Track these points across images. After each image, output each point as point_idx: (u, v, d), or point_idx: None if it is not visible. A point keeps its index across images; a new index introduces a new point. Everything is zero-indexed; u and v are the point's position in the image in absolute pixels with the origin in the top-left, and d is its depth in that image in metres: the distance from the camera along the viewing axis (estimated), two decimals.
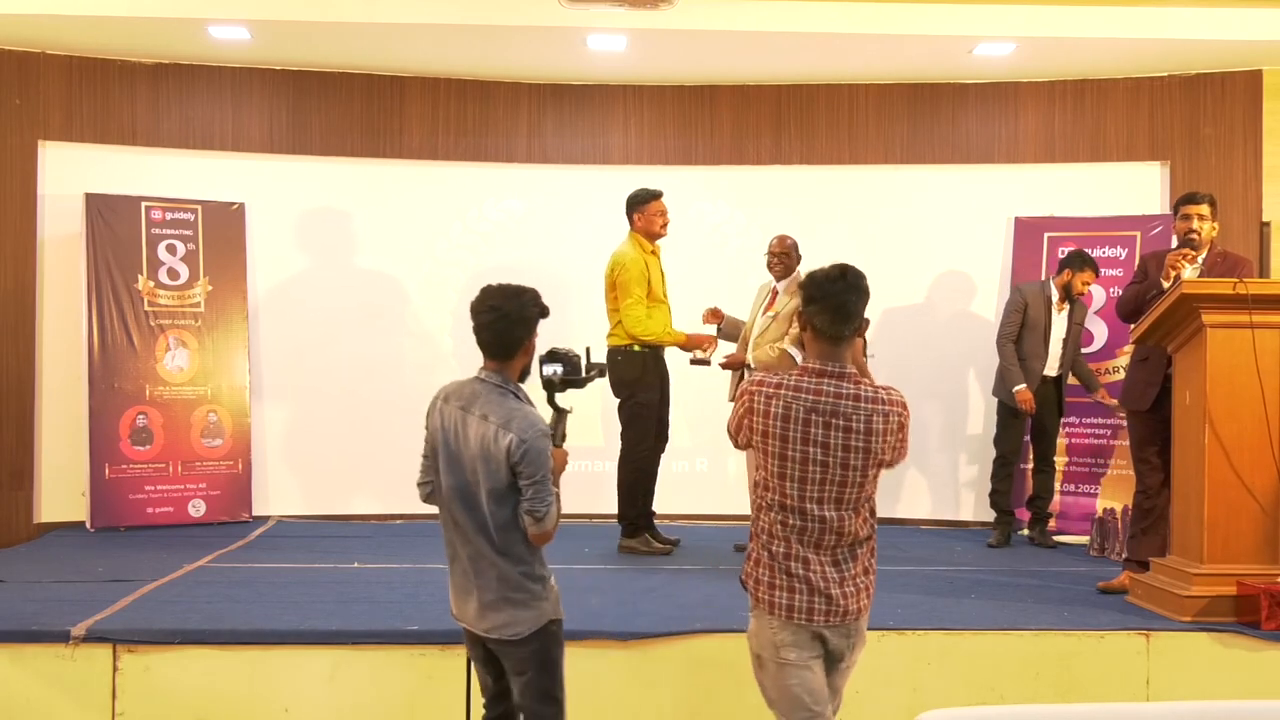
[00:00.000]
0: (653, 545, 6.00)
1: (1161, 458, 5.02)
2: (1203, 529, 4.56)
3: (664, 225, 5.96)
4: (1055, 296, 6.41)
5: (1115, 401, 6.27)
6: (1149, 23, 6.50)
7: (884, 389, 3.01)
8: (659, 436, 6.07)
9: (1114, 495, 6.56)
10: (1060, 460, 6.78)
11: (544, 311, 3.28)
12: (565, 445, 3.35)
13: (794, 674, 3.02)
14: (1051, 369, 6.38)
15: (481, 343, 3.23)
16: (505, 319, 3.18)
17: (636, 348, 5.87)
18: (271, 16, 6.37)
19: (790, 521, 3.00)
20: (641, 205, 5.93)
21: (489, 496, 3.13)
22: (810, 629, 3.01)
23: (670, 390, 6.10)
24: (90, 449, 6.64)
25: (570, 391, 3.55)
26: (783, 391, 2.98)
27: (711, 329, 6.09)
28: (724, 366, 6.08)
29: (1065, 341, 6.42)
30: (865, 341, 6.27)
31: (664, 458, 7.24)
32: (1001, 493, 6.49)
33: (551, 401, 3.46)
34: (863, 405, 2.96)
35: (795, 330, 5.73)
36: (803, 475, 2.96)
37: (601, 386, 6.08)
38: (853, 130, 7.41)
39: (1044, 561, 6.00)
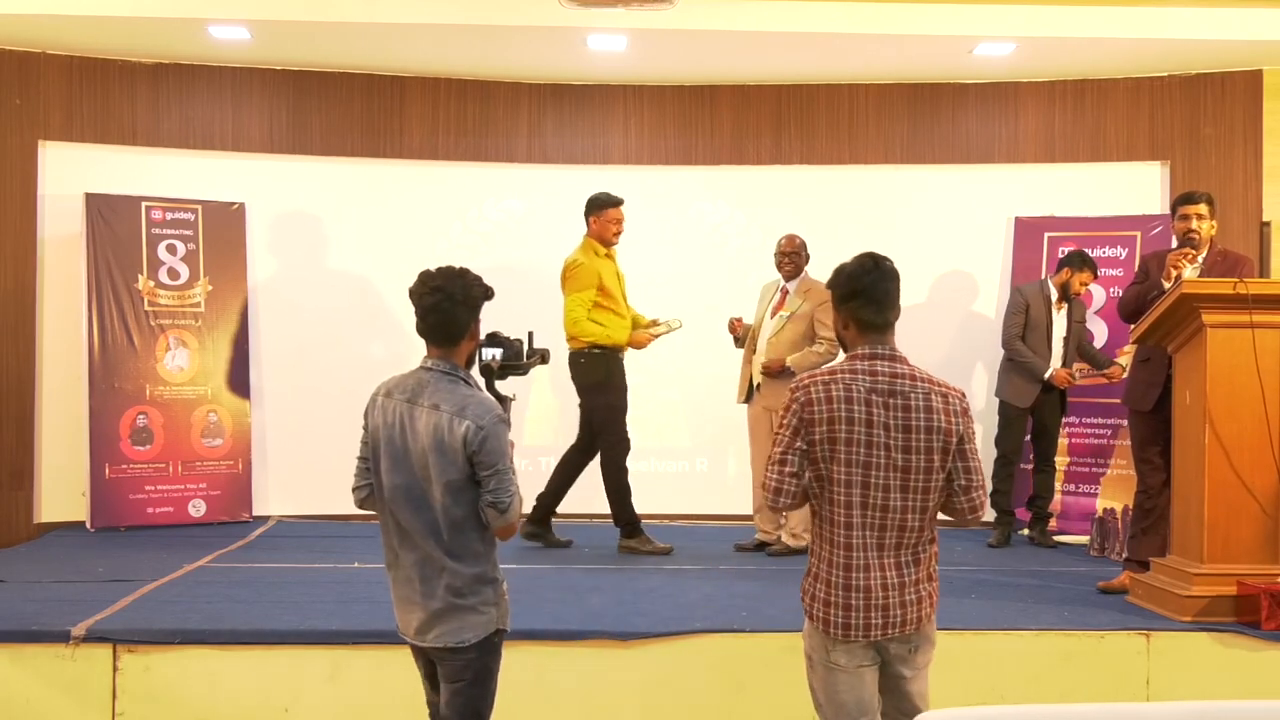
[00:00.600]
0: (654, 545, 5.99)
1: (1163, 458, 5.01)
2: (1203, 529, 4.55)
3: (617, 234, 5.95)
4: (1054, 295, 6.42)
5: (1117, 369, 6.31)
6: (1149, 23, 6.50)
7: (938, 378, 2.98)
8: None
9: (1114, 495, 6.56)
10: (1061, 460, 6.78)
11: (488, 293, 3.11)
12: (510, 435, 3.10)
13: (843, 680, 2.94)
14: (1055, 367, 6.39)
15: (425, 329, 3.06)
16: (449, 300, 3.01)
17: (598, 350, 5.84)
18: (271, 16, 6.37)
19: (854, 519, 2.88)
20: (600, 210, 5.95)
21: (445, 492, 2.95)
22: (865, 641, 2.93)
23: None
24: (90, 449, 6.64)
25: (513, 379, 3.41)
26: (840, 376, 2.91)
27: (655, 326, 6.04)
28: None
29: (1066, 340, 6.42)
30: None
31: (662, 458, 7.30)
32: (1002, 493, 6.48)
33: (491, 388, 3.27)
34: (919, 384, 2.91)
35: (828, 333, 5.75)
36: (867, 460, 2.86)
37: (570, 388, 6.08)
38: (853, 130, 7.41)
39: (1044, 561, 6.00)
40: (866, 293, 2.96)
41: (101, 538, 6.49)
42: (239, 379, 7.07)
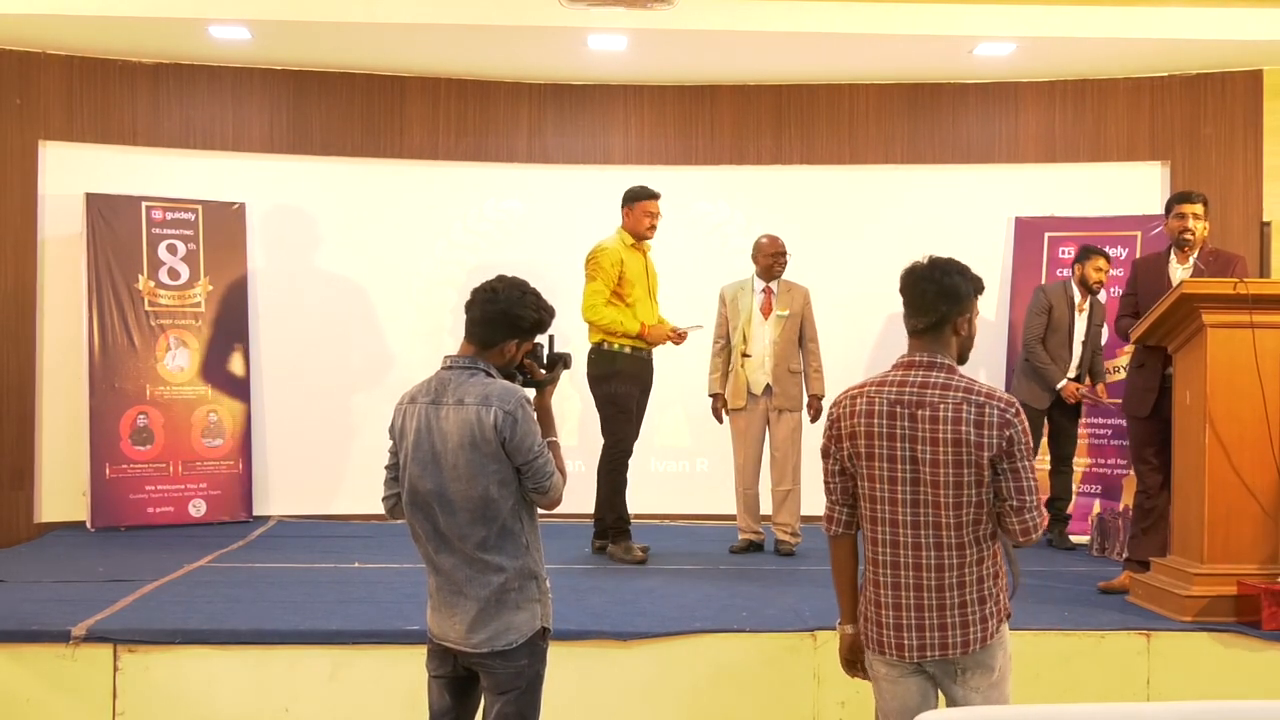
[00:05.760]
0: (633, 552, 5.79)
1: (1160, 458, 5.02)
2: (1203, 529, 4.55)
3: (650, 227, 5.79)
4: (1077, 297, 6.38)
5: (1101, 394, 6.33)
6: (1149, 23, 6.51)
7: (988, 387, 2.78)
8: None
9: (1114, 495, 6.55)
10: (1083, 461, 6.75)
11: (539, 324, 3.04)
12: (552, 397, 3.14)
13: (885, 689, 2.87)
14: (1071, 370, 6.35)
15: (467, 320, 3.02)
16: (494, 304, 2.98)
17: (613, 345, 5.71)
18: (271, 16, 6.37)
19: (880, 535, 2.78)
20: (631, 202, 5.81)
21: (490, 484, 2.91)
22: (899, 659, 2.82)
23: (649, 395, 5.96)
24: (91, 449, 6.65)
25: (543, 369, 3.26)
26: (867, 389, 2.82)
27: (679, 327, 5.92)
28: (815, 418, 6.07)
29: (1085, 344, 6.39)
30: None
31: (662, 458, 7.29)
32: None
33: (541, 368, 3.18)
34: (951, 394, 2.73)
35: (815, 334, 6.08)
36: (892, 474, 2.74)
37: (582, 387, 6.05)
38: (853, 130, 7.41)
39: (1044, 561, 5.99)
40: (904, 293, 2.86)
41: (101, 538, 6.49)
42: (239, 379, 7.07)
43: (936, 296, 2.82)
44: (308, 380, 7.23)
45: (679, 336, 5.85)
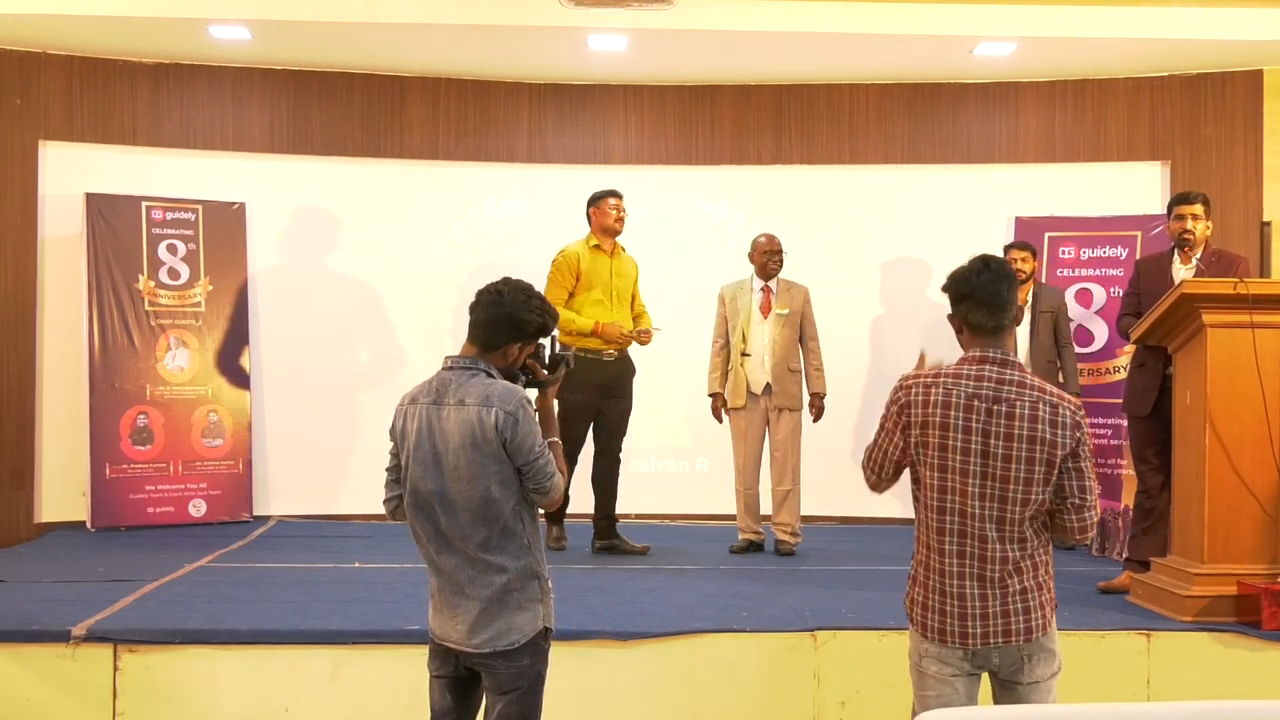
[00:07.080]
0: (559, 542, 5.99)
1: (1161, 459, 5.02)
2: (1203, 529, 4.55)
3: (618, 220, 5.97)
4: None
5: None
6: (1149, 23, 6.51)
7: (1056, 388, 2.87)
8: (605, 446, 6.00)
9: (1115, 495, 6.55)
10: None
11: (543, 328, 3.05)
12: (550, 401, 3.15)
13: (931, 686, 2.89)
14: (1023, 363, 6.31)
15: (470, 322, 3.01)
16: (498, 307, 2.98)
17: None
18: (272, 16, 6.37)
19: (949, 525, 2.83)
20: (596, 202, 6.01)
21: (491, 484, 2.90)
22: (963, 649, 2.86)
23: (629, 396, 6.04)
24: (91, 449, 6.64)
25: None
26: (943, 379, 2.85)
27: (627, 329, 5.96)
28: (817, 417, 6.13)
29: (1032, 334, 6.33)
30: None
31: (662, 458, 7.28)
32: None
33: (542, 371, 3.18)
34: (1028, 392, 2.81)
35: (816, 333, 6.08)
36: (964, 467, 2.79)
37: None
38: (853, 130, 7.41)
39: None
40: (976, 295, 2.89)
41: (102, 538, 6.49)
42: (239, 379, 7.07)
43: (1010, 293, 2.89)
44: (308, 380, 7.23)
45: (641, 335, 5.93)
